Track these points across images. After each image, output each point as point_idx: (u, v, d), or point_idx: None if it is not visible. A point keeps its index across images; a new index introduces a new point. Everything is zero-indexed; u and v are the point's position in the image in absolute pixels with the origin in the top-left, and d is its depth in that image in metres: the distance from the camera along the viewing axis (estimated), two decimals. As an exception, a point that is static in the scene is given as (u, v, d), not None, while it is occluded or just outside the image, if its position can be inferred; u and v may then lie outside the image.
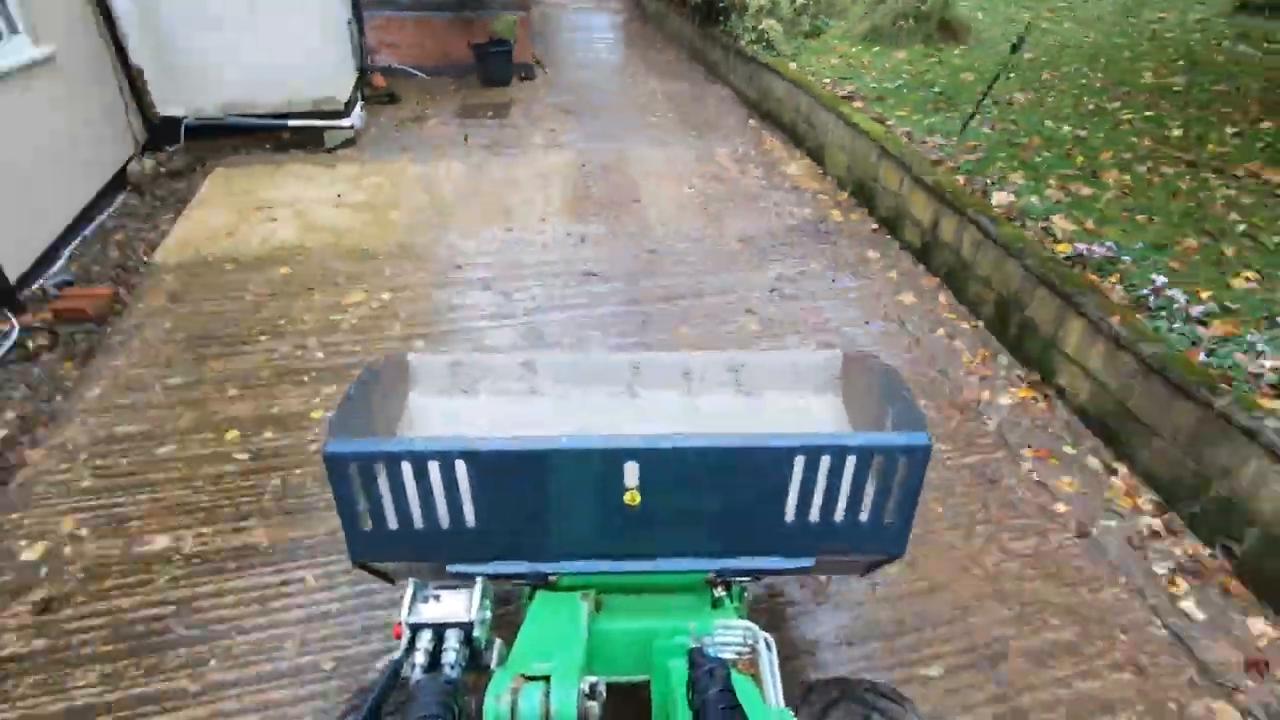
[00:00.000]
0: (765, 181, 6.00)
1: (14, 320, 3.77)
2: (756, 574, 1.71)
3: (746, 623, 1.56)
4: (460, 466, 1.46)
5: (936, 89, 6.34)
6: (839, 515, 1.55)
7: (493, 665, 1.44)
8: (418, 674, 1.33)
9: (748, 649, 1.51)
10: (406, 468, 1.45)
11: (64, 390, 3.46)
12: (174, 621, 2.44)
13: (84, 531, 2.75)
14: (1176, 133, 5.21)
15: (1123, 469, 3.16)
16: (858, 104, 6.06)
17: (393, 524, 1.51)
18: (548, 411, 2.19)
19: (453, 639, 1.38)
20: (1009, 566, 2.74)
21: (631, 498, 1.52)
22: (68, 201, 4.71)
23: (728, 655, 1.47)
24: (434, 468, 1.46)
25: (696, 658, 1.37)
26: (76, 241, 4.65)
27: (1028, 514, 2.96)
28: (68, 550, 2.67)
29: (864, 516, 1.56)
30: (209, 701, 2.21)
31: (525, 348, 3.86)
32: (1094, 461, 3.21)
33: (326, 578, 2.60)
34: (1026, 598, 2.62)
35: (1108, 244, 3.80)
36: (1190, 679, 2.36)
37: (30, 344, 3.68)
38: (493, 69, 8.51)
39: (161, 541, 2.72)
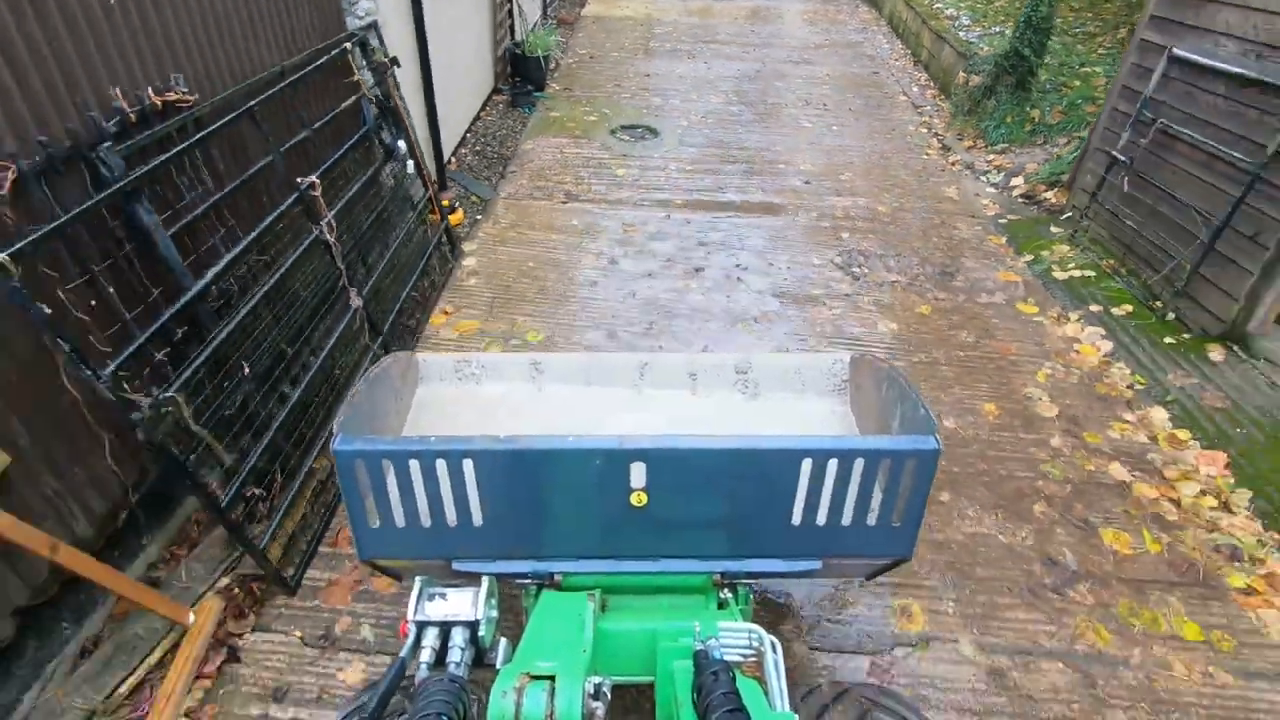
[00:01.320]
0: (845, 17, 12.05)
1: (548, 19, 10.94)
2: (762, 576, 1.73)
3: (751, 625, 1.56)
4: (467, 466, 1.50)
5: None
6: (846, 518, 1.57)
7: (498, 664, 1.45)
8: (424, 672, 1.37)
9: (753, 651, 1.52)
10: (414, 466, 1.49)
11: (573, 37, 10.47)
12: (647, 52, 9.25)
13: (603, 47, 9.64)
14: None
15: (922, 72, 9.07)
16: (904, -17, 11.89)
17: (400, 522, 1.56)
18: (554, 411, 2.20)
19: (458, 637, 1.41)
20: (842, 58, 8.83)
21: (638, 498, 1.54)
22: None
23: (733, 657, 1.47)
24: (441, 467, 1.50)
25: (701, 660, 1.38)
26: (550, 8, 11.83)
27: (863, 54, 8.98)
28: (598, 45, 9.57)
29: (871, 520, 1.58)
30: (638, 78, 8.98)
31: (728, 42, 10.32)
32: (911, 70, 9.15)
33: (740, 57, 9.27)
34: (850, 69, 8.70)
35: (958, 13, 9.57)
36: (901, 94, 8.39)
37: (556, 26, 10.81)
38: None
39: (647, 54, 9.55)
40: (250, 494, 2.54)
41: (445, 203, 5.21)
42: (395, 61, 4.21)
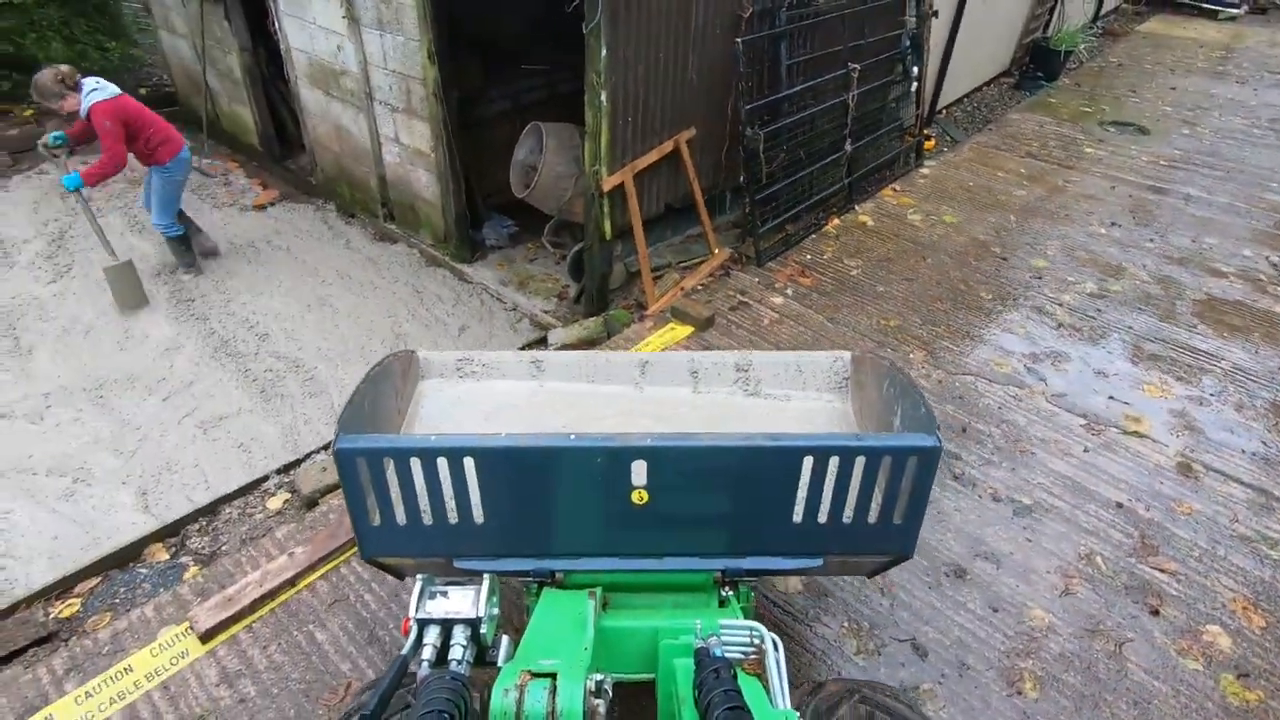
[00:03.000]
0: None
1: (1095, 26, 11.24)
2: (764, 574, 1.76)
3: (753, 623, 1.58)
4: (469, 464, 1.52)
5: None
6: (847, 516, 1.59)
7: (500, 661, 1.49)
8: (425, 669, 1.41)
9: (754, 649, 1.54)
10: (416, 464, 1.52)
11: (1113, 46, 10.69)
12: None
13: (1140, 58, 9.84)
14: None
15: None
16: None
17: (401, 520, 1.59)
18: (556, 408, 2.23)
19: (460, 635, 1.46)
20: None
21: (639, 496, 1.56)
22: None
23: (734, 655, 1.50)
24: (443, 464, 1.52)
25: (702, 657, 1.39)
26: (1103, 20, 11.93)
27: None
28: (1137, 56, 9.81)
29: (872, 517, 1.60)
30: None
31: None
32: None
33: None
34: None
35: None
36: None
37: (1100, 33, 11.07)
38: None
39: None
40: (766, 208, 4.79)
41: (925, 133, 6.89)
42: (935, 13, 5.97)
